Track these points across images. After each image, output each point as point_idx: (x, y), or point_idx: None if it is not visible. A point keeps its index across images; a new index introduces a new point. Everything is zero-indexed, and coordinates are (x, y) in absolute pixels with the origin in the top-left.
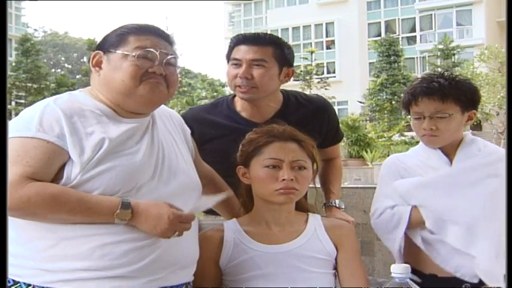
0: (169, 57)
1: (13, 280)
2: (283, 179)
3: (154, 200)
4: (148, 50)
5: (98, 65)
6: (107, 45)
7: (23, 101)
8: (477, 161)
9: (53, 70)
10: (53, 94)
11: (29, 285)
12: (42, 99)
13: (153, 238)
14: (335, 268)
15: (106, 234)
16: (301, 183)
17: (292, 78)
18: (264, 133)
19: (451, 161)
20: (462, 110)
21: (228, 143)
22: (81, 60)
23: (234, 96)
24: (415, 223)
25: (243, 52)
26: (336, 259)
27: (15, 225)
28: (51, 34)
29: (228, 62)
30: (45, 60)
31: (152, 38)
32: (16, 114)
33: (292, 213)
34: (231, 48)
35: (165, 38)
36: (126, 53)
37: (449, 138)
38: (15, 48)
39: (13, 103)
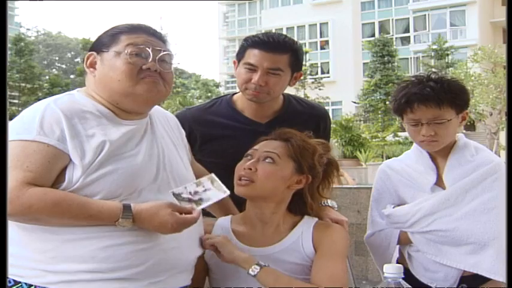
0: (162, 53)
1: (14, 280)
2: (244, 168)
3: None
4: (140, 46)
5: (92, 65)
6: (100, 45)
7: (16, 101)
8: (471, 178)
9: (47, 70)
10: (46, 94)
11: (31, 285)
12: (35, 99)
13: (155, 241)
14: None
15: (108, 237)
16: (261, 175)
17: None
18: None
19: (437, 165)
20: (457, 112)
21: (231, 143)
22: (75, 60)
23: (233, 95)
24: (405, 243)
25: (260, 59)
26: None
27: (17, 227)
28: (44, 34)
29: (238, 61)
30: (37, 61)
31: (144, 36)
32: (9, 115)
33: (280, 214)
34: (245, 49)
35: (157, 36)
36: (118, 51)
37: (448, 141)
38: (8, 48)
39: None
